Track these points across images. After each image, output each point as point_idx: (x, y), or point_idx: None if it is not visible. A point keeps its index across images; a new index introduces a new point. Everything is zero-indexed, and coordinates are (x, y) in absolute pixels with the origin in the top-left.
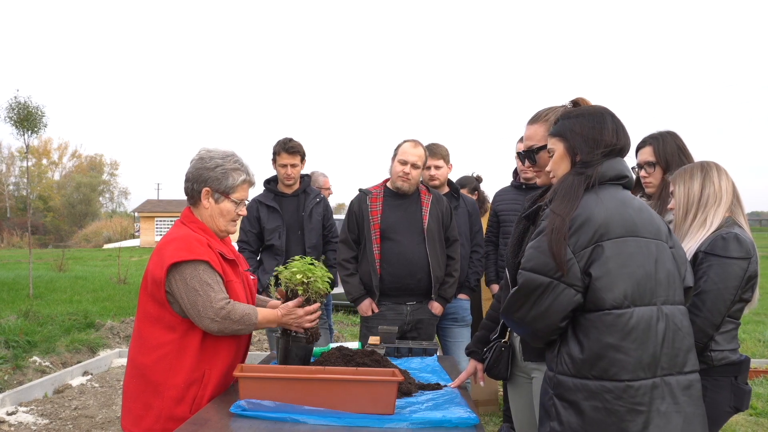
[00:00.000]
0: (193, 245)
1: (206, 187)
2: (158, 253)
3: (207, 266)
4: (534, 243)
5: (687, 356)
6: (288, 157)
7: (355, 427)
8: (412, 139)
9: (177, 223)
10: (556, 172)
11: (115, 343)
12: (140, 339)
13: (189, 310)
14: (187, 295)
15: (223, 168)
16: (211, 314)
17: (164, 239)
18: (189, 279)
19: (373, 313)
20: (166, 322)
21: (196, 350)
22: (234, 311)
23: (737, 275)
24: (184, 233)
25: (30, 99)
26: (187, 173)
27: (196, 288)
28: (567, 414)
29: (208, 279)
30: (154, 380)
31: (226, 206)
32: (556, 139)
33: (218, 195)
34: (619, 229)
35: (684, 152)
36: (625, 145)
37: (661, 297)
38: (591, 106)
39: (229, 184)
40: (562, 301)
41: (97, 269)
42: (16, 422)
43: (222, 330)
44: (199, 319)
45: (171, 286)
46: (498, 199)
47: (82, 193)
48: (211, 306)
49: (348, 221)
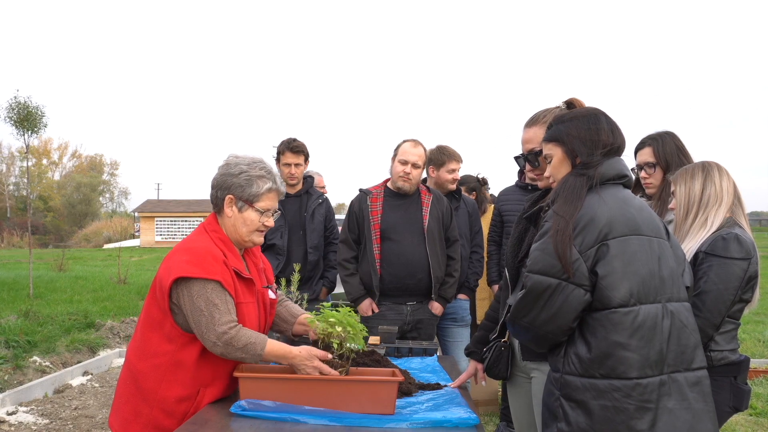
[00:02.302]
0: (206, 261)
1: (230, 195)
2: (170, 260)
3: (217, 285)
4: (539, 245)
5: (694, 353)
6: (292, 157)
7: (355, 427)
8: (412, 139)
9: (199, 228)
10: (556, 176)
11: (115, 343)
12: (139, 342)
13: (194, 329)
14: (192, 313)
15: (248, 175)
16: (213, 338)
17: (181, 245)
18: (195, 297)
19: (373, 313)
20: (165, 331)
21: (192, 366)
22: (238, 338)
23: (737, 276)
24: (201, 245)
25: (30, 99)
26: (213, 180)
27: (201, 308)
28: (575, 414)
29: (216, 299)
30: (145, 387)
31: (249, 215)
32: (553, 144)
33: (242, 203)
34: (623, 228)
35: (683, 152)
36: (622, 143)
37: (665, 294)
38: (583, 108)
39: (253, 192)
40: (572, 301)
41: (97, 269)
42: (16, 422)
43: (224, 354)
44: (203, 339)
45: (177, 298)
46: (502, 199)
47: (82, 193)
48: (214, 329)
49: (348, 221)
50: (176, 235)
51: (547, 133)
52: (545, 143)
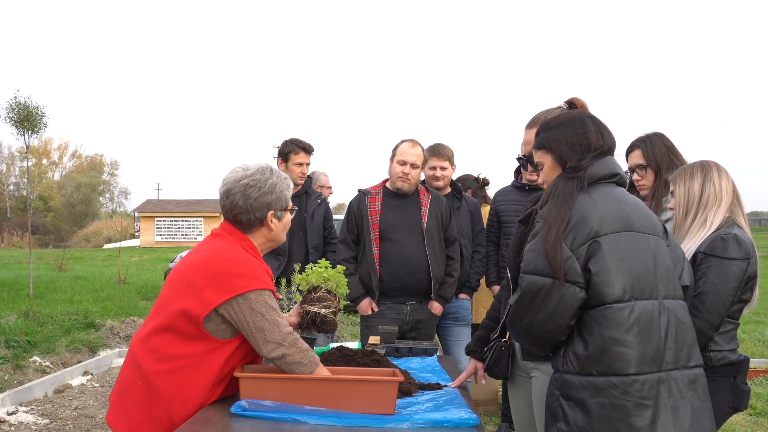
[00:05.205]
0: (257, 272)
1: (271, 211)
2: (216, 273)
3: (270, 293)
4: (531, 246)
5: (691, 350)
6: (305, 156)
7: (355, 427)
8: (410, 139)
9: (222, 235)
10: (548, 182)
11: (115, 343)
12: (154, 343)
13: (254, 335)
14: (252, 320)
15: (279, 186)
16: (278, 338)
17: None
18: (254, 303)
19: (372, 313)
20: (190, 335)
21: (216, 371)
22: (301, 341)
23: (736, 276)
24: (242, 256)
25: (30, 99)
26: (240, 205)
27: (263, 312)
28: (573, 413)
29: (273, 304)
30: (162, 390)
31: (287, 218)
32: (542, 151)
33: (281, 212)
34: (614, 225)
35: (673, 152)
36: (612, 144)
37: (662, 291)
38: (568, 113)
39: (286, 198)
40: (567, 299)
41: (97, 269)
42: (16, 422)
43: (284, 356)
44: (264, 344)
45: (228, 310)
46: (499, 200)
47: (82, 193)
48: (279, 330)
49: (347, 221)
50: (176, 235)
51: (536, 141)
52: (535, 150)
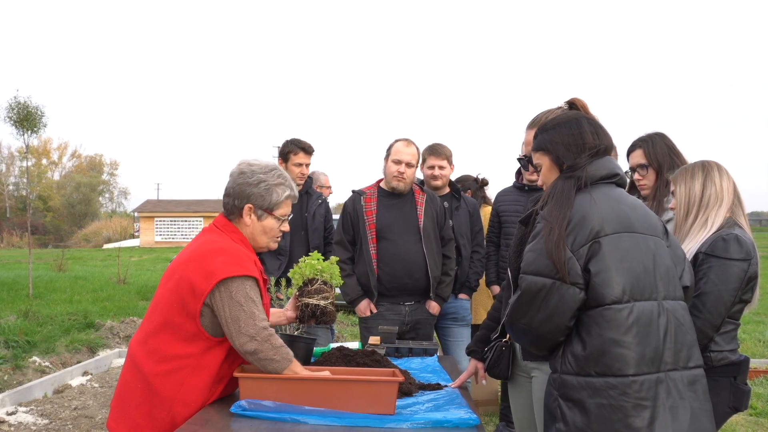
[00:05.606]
0: (242, 259)
1: (249, 204)
2: (202, 262)
3: (254, 283)
4: (531, 246)
5: (691, 351)
6: (305, 157)
7: (355, 428)
8: (405, 138)
9: (212, 229)
10: (547, 183)
11: (115, 343)
12: (152, 344)
13: (228, 325)
14: (230, 308)
15: (267, 184)
16: (251, 331)
17: (207, 247)
18: (234, 292)
19: (371, 314)
20: (188, 334)
21: (215, 370)
22: (275, 337)
23: (737, 277)
24: (231, 246)
25: (30, 99)
26: (228, 188)
27: (241, 302)
28: (572, 414)
29: (254, 296)
30: (162, 391)
31: (269, 223)
32: (540, 153)
33: (261, 212)
34: (615, 225)
35: (674, 151)
36: (609, 144)
37: (661, 292)
38: (564, 115)
39: (273, 201)
40: (567, 300)
41: (96, 269)
42: (15, 422)
43: (257, 351)
44: (238, 336)
45: (213, 298)
46: (500, 200)
47: (82, 193)
48: (253, 323)
49: (342, 222)
50: (176, 235)
51: (533, 143)
52: (533, 152)
